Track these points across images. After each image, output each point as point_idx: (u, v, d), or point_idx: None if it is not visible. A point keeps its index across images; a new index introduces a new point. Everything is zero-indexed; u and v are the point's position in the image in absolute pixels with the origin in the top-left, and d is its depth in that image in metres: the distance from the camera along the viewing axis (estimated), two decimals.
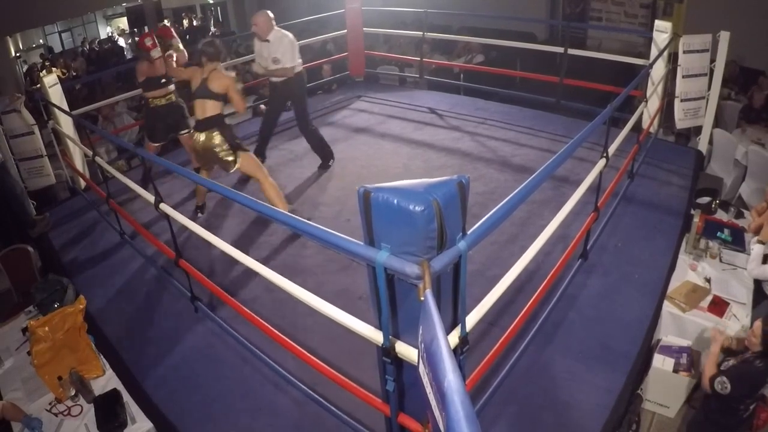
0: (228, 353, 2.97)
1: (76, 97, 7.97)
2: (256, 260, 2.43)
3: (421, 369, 1.23)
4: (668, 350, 3.00)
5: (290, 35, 4.40)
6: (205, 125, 3.69)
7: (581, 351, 2.79)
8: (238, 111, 3.93)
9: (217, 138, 3.67)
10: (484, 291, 2.02)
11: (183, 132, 4.70)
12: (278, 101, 4.75)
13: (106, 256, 3.99)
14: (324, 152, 4.95)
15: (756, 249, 3.29)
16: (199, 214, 4.26)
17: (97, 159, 3.95)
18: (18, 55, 13.08)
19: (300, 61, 4.52)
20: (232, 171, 3.81)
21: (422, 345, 1.24)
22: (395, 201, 1.43)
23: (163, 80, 4.48)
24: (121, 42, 14.96)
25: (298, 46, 4.47)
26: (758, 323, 2.55)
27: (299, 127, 4.80)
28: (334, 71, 7.02)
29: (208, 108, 3.67)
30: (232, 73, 3.84)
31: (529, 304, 2.58)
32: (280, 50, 4.35)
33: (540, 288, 2.71)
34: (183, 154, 5.32)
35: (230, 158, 3.72)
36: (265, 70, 4.50)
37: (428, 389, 1.15)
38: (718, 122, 5.11)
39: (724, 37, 4.26)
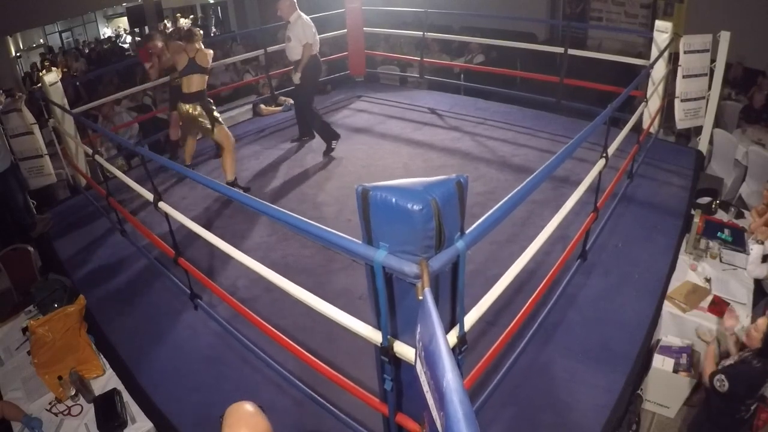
0: (228, 353, 2.97)
1: (78, 96, 7.99)
2: (256, 260, 2.42)
3: (419, 368, 1.23)
4: (668, 350, 3.00)
5: (301, 18, 4.84)
6: (190, 99, 4.26)
7: (581, 351, 2.79)
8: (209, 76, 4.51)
9: (198, 109, 4.27)
10: (483, 290, 2.02)
11: None
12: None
13: (106, 255, 3.99)
14: (327, 134, 5.08)
15: (755, 249, 3.29)
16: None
17: (98, 158, 3.96)
18: (18, 54, 13.09)
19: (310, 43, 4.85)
20: (211, 136, 4.43)
21: (420, 344, 1.24)
22: (393, 200, 1.42)
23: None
24: (128, 40, 14.96)
25: (311, 28, 4.85)
26: (763, 320, 2.51)
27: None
28: (333, 71, 7.03)
29: (193, 83, 4.23)
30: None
31: (528, 303, 2.58)
32: (293, 31, 4.85)
33: (539, 288, 2.71)
34: (181, 153, 5.34)
35: (208, 125, 4.32)
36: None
37: (426, 389, 1.15)
38: (718, 122, 5.11)
39: (725, 37, 4.26)
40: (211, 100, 4.42)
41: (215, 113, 4.36)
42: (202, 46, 4.26)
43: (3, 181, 4.11)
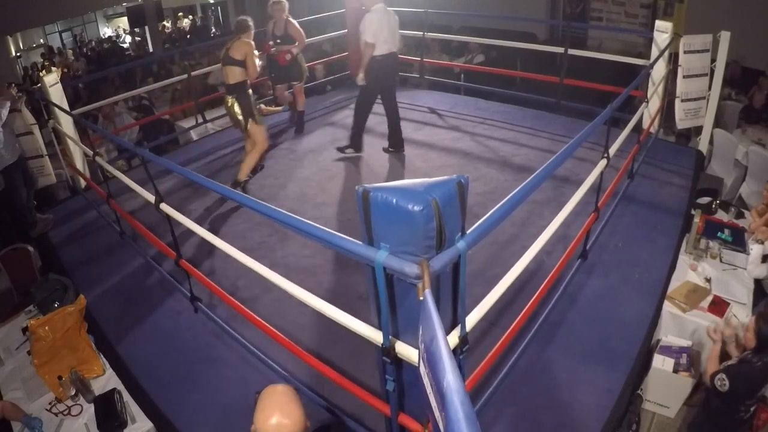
0: (228, 353, 2.97)
1: (77, 97, 7.99)
2: (256, 260, 2.42)
3: (422, 369, 1.23)
4: (668, 350, 3.00)
5: (373, 13, 4.55)
6: (228, 90, 4.25)
7: (581, 351, 2.79)
8: (250, 77, 4.25)
9: (236, 105, 4.24)
10: (484, 291, 2.02)
11: (294, 82, 5.46)
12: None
13: (106, 255, 3.99)
14: (352, 139, 5.05)
15: (755, 249, 3.29)
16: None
17: (98, 158, 3.95)
18: (18, 54, 13.10)
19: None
20: (243, 131, 4.40)
21: (422, 345, 1.24)
22: (394, 200, 1.43)
23: (279, 40, 5.21)
24: (128, 40, 14.97)
25: (376, 25, 4.51)
26: (753, 318, 2.57)
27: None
28: (331, 72, 7.01)
29: (230, 75, 4.18)
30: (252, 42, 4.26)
31: (529, 304, 2.58)
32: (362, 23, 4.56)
33: (540, 288, 2.71)
34: (180, 154, 5.36)
35: (241, 120, 4.28)
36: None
37: (428, 389, 1.15)
38: (718, 122, 5.11)
39: (725, 37, 4.26)
40: (251, 92, 4.31)
41: (254, 110, 4.30)
42: (245, 38, 4.16)
43: (8, 175, 4.09)
